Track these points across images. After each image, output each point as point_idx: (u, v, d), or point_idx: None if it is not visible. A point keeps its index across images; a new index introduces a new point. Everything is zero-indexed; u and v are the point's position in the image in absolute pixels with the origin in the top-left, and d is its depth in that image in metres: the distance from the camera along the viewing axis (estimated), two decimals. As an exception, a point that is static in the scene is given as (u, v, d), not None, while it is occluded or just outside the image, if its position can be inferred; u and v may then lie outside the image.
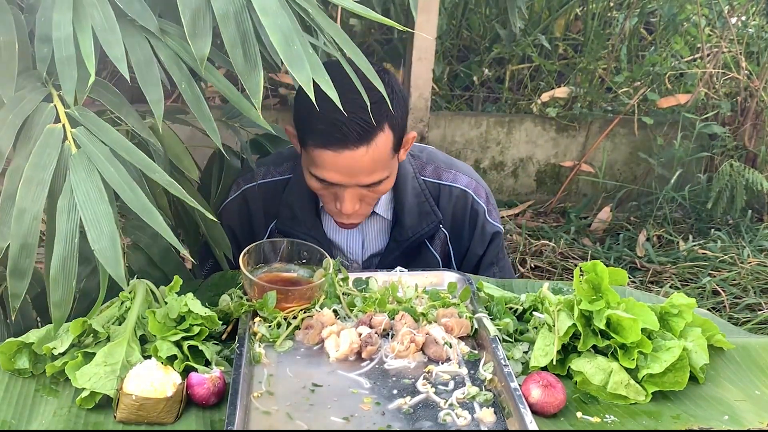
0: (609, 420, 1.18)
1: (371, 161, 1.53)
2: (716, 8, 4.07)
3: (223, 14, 1.23)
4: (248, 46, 1.25)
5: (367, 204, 1.64)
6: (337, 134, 1.48)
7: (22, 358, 1.21)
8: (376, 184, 1.58)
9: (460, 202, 1.78)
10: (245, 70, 1.25)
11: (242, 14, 1.25)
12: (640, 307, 1.28)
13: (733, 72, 3.90)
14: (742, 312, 3.13)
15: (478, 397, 1.19)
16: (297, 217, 1.72)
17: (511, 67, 4.24)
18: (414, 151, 1.80)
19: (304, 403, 1.16)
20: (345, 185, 1.56)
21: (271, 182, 1.76)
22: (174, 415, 1.13)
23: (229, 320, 1.35)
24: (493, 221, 1.81)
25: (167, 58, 1.30)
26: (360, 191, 1.58)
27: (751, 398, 1.26)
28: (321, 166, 1.54)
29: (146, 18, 1.29)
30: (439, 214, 1.76)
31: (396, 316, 1.37)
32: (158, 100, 1.26)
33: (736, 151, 3.91)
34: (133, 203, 1.16)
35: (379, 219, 1.77)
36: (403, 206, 1.74)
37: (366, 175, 1.55)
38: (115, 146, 1.21)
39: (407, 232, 1.74)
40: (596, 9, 4.29)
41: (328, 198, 1.62)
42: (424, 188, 1.75)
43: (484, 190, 1.82)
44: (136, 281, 1.32)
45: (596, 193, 4.08)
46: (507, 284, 1.58)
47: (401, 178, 1.73)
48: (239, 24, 1.24)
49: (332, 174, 1.54)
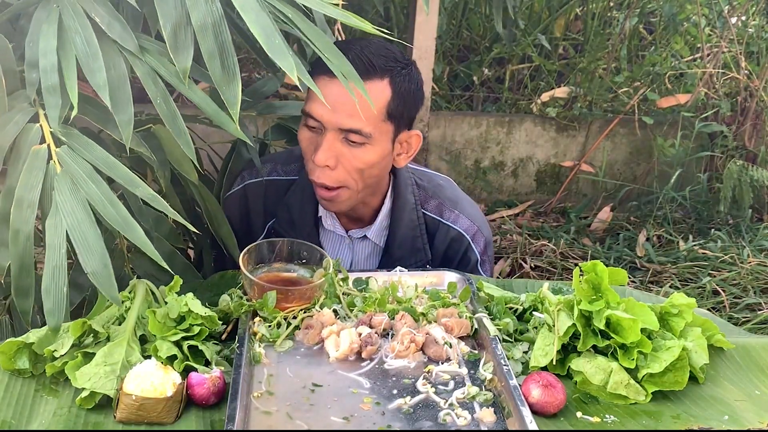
0: (609, 420, 1.18)
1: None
2: (716, 8, 4.07)
3: (201, 25, 1.24)
4: (226, 57, 1.26)
5: (344, 171, 1.56)
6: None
7: (22, 358, 1.21)
8: (356, 137, 1.52)
9: (454, 244, 1.74)
10: (223, 81, 1.25)
11: (220, 25, 1.25)
12: (640, 307, 1.28)
13: (733, 72, 3.90)
14: (742, 312, 3.13)
15: (478, 397, 1.19)
16: (294, 222, 1.70)
17: (511, 67, 4.24)
18: (423, 181, 1.76)
19: (304, 403, 1.16)
20: (326, 126, 1.52)
21: (276, 180, 1.73)
22: (174, 415, 1.13)
23: (229, 320, 1.35)
24: (484, 273, 1.77)
25: (144, 75, 1.30)
26: (338, 146, 1.53)
27: (751, 398, 1.26)
28: (313, 98, 1.53)
29: (126, 39, 1.30)
30: (429, 253, 1.72)
31: (396, 316, 1.37)
32: (128, 120, 1.26)
33: (736, 151, 3.91)
34: (114, 221, 1.19)
35: (371, 244, 1.75)
36: (395, 236, 1.71)
37: (347, 115, 1.50)
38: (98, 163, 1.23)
39: (395, 264, 1.67)
40: (596, 9, 4.29)
41: (310, 153, 1.57)
42: (421, 222, 1.72)
43: (484, 238, 1.77)
44: (136, 281, 1.32)
45: (596, 192, 4.08)
46: (507, 284, 1.58)
47: (400, 207, 1.70)
48: (217, 36, 1.25)
49: (319, 106, 1.51)
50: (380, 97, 1.53)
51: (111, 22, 1.30)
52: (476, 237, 1.75)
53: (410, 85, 1.57)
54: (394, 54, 1.55)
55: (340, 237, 1.74)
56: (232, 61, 1.26)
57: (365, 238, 1.73)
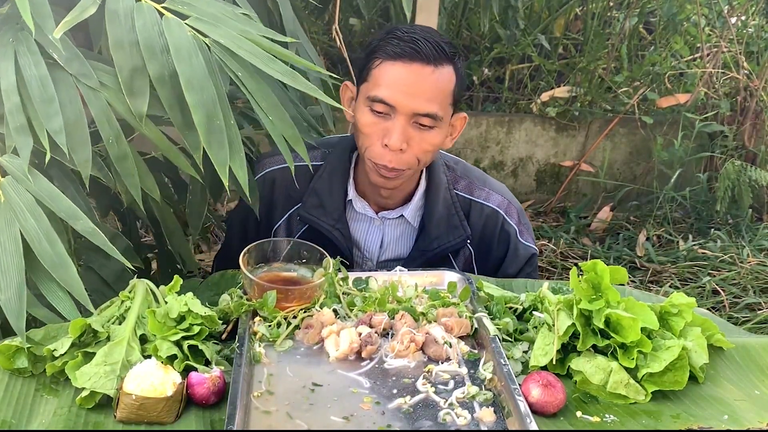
0: (609, 419, 1.18)
1: (434, 85, 1.55)
2: (716, 8, 4.07)
3: (158, 77, 1.24)
4: (185, 106, 1.25)
5: (411, 154, 1.60)
6: (411, 46, 1.54)
7: (21, 358, 1.21)
8: (428, 120, 1.56)
9: (490, 222, 1.77)
10: (184, 128, 1.26)
11: (176, 77, 1.25)
12: (639, 306, 1.28)
13: (732, 72, 3.90)
14: (742, 312, 3.13)
15: (477, 397, 1.19)
16: (324, 206, 1.71)
17: (511, 66, 4.24)
18: (450, 163, 1.81)
19: (304, 403, 1.16)
20: (399, 110, 1.55)
21: (300, 167, 1.73)
22: (174, 415, 1.13)
23: (229, 320, 1.35)
24: (525, 242, 1.80)
25: (98, 113, 1.30)
26: (409, 130, 1.57)
27: (751, 398, 1.26)
28: (385, 84, 1.56)
29: (86, 74, 1.29)
30: (468, 229, 1.75)
31: (396, 315, 1.37)
32: (86, 161, 1.27)
33: (736, 151, 3.91)
34: (45, 257, 1.20)
35: (404, 223, 1.76)
36: (432, 215, 1.73)
37: (425, 99, 1.55)
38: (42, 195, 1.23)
39: (433, 243, 1.73)
40: (596, 9, 4.29)
41: (375, 137, 1.59)
42: (455, 201, 1.75)
43: (516, 210, 1.81)
44: (137, 281, 1.32)
45: (596, 192, 4.08)
46: (507, 284, 1.58)
47: (434, 186, 1.73)
48: (174, 87, 1.25)
49: (394, 91, 1.55)
50: (449, 82, 1.59)
51: (70, 57, 1.29)
52: (509, 210, 1.79)
53: (463, 70, 1.64)
54: (450, 41, 1.62)
55: (369, 219, 1.76)
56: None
57: (401, 218, 1.75)
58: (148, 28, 1.25)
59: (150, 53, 1.24)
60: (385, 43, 1.58)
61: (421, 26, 1.65)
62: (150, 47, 1.25)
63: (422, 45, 1.54)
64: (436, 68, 1.55)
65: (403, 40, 1.55)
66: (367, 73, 1.60)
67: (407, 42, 1.55)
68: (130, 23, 1.25)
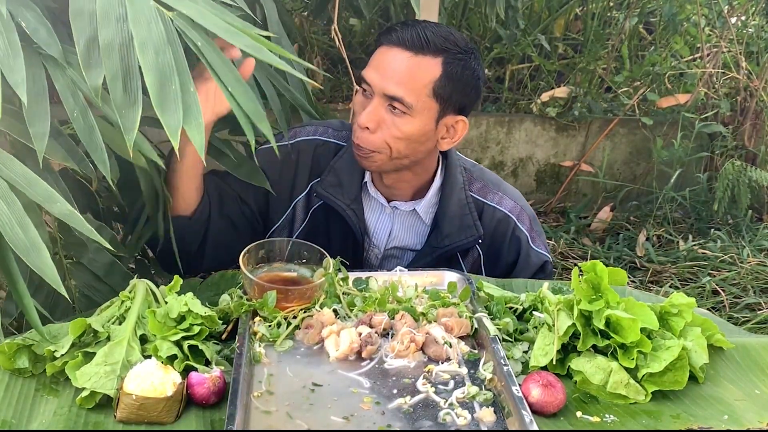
0: (609, 419, 1.18)
1: (407, 71, 1.57)
2: (716, 8, 4.07)
3: (107, 45, 1.21)
4: (129, 80, 1.21)
5: (381, 137, 1.61)
6: (398, 32, 1.59)
7: (22, 358, 1.21)
8: (399, 105, 1.58)
9: (501, 226, 1.78)
10: (123, 104, 1.21)
11: (129, 47, 1.22)
12: (639, 306, 1.28)
13: (732, 72, 3.90)
14: (742, 312, 3.13)
15: (477, 397, 1.19)
16: (343, 185, 1.73)
17: (511, 67, 4.24)
18: (467, 165, 1.83)
19: (304, 403, 1.16)
20: (375, 90, 1.59)
21: (327, 142, 1.79)
22: (174, 415, 1.13)
23: (229, 320, 1.35)
24: (537, 249, 1.80)
25: (63, 88, 1.27)
26: (381, 112, 1.59)
27: (751, 398, 1.26)
28: (370, 64, 1.62)
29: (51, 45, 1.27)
30: (481, 229, 1.75)
31: (396, 315, 1.37)
32: (42, 134, 1.22)
33: (736, 151, 3.91)
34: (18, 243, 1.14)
35: (415, 217, 1.78)
36: (446, 213, 1.74)
37: (395, 82, 1.57)
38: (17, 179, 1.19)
39: (444, 240, 1.74)
40: (596, 9, 4.29)
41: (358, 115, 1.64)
42: (470, 201, 1.76)
43: (528, 216, 1.81)
44: (137, 281, 1.32)
45: (596, 192, 4.08)
46: (507, 284, 1.58)
47: (450, 186, 1.75)
48: (123, 57, 1.22)
49: (372, 71, 1.60)
50: (428, 74, 1.59)
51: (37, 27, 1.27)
52: (521, 216, 1.80)
53: (464, 71, 1.62)
54: (456, 39, 1.62)
55: (381, 206, 1.78)
56: (136, 84, 1.22)
57: (414, 212, 1.77)
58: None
59: (105, 20, 1.21)
60: (386, 30, 1.64)
61: (437, 23, 1.68)
62: (106, 14, 1.21)
63: (408, 32, 1.58)
64: (414, 55, 1.57)
65: (398, 27, 1.61)
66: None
67: (398, 29, 1.60)
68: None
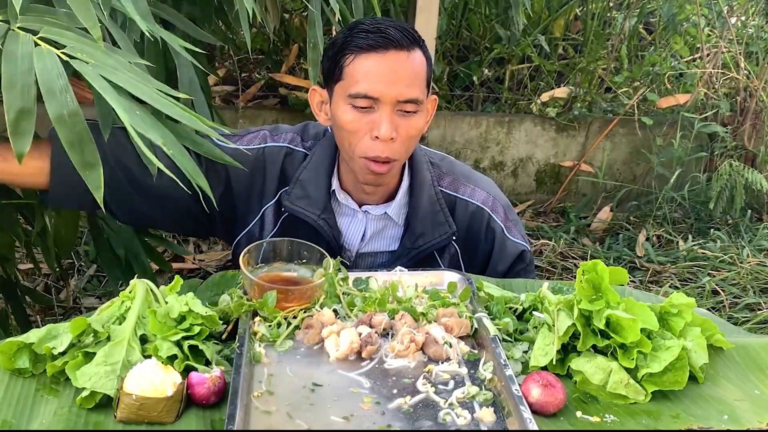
0: (609, 419, 1.18)
1: (411, 70, 1.56)
2: (716, 8, 4.08)
3: (57, 116, 1.24)
4: (85, 144, 1.26)
5: (401, 143, 1.59)
6: (382, 36, 1.55)
7: (22, 358, 1.21)
8: (411, 106, 1.56)
9: (475, 219, 1.75)
10: (83, 168, 1.26)
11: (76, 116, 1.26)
12: (639, 306, 1.28)
13: (732, 72, 3.91)
14: (742, 312, 3.13)
15: (477, 397, 1.19)
16: (310, 197, 1.70)
17: (511, 67, 4.24)
18: (435, 159, 1.79)
19: (304, 403, 1.16)
20: (383, 101, 1.55)
21: (295, 151, 1.75)
22: (174, 415, 1.13)
23: (229, 320, 1.35)
24: (513, 238, 1.77)
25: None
26: (395, 119, 1.57)
27: (751, 398, 1.26)
28: (363, 77, 1.55)
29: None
30: (454, 225, 1.73)
31: (396, 315, 1.37)
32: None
33: (736, 151, 3.92)
34: None
35: (388, 220, 1.74)
36: (416, 213, 1.71)
37: (405, 85, 1.55)
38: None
39: (418, 241, 1.71)
40: (596, 9, 4.29)
41: (363, 132, 1.58)
42: (440, 197, 1.73)
43: (502, 206, 1.79)
44: (137, 281, 1.32)
45: (596, 192, 4.08)
46: (507, 284, 1.58)
47: (418, 183, 1.72)
48: (74, 126, 1.25)
49: (374, 83, 1.54)
50: (422, 65, 1.60)
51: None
52: (494, 206, 1.77)
53: (428, 54, 1.64)
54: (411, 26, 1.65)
55: (353, 211, 1.75)
56: (92, 148, 1.26)
57: (385, 215, 1.73)
58: (48, 69, 1.27)
59: (49, 93, 1.25)
60: (353, 38, 1.57)
61: (382, 17, 1.67)
62: (50, 88, 1.26)
63: (392, 32, 1.55)
64: (409, 53, 1.56)
65: (372, 32, 1.55)
66: (340, 72, 1.58)
67: (376, 33, 1.55)
68: (27, 65, 1.26)
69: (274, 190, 1.73)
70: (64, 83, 1.26)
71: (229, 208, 1.73)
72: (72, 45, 1.31)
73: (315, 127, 1.80)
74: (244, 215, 1.75)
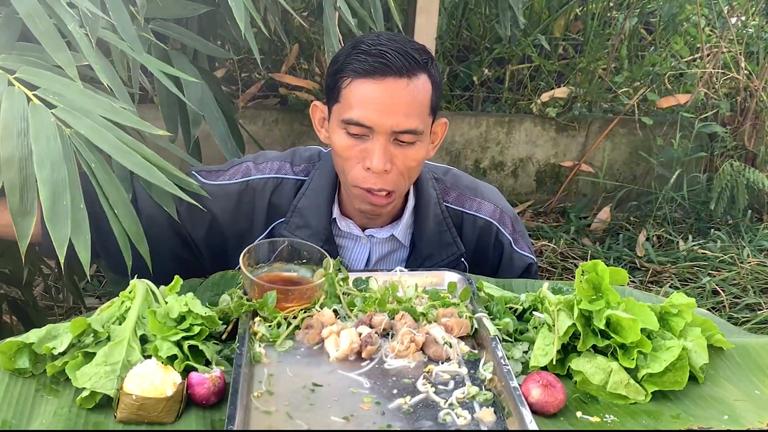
0: (609, 420, 1.18)
1: (410, 99, 1.47)
2: (716, 8, 4.08)
3: (7, 158, 1.25)
4: (26, 190, 1.26)
5: (397, 174, 1.52)
6: (380, 61, 1.45)
7: (22, 358, 1.21)
8: (408, 137, 1.49)
9: (484, 234, 1.71)
10: (19, 212, 1.26)
11: (28, 160, 1.26)
12: (639, 307, 1.28)
13: (732, 72, 3.91)
14: (742, 312, 3.13)
15: (478, 397, 1.19)
16: (311, 226, 1.63)
17: (511, 67, 4.24)
18: (438, 174, 1.74)
19: (304, 403, 1.16)
20: (377, 130, 1.47)
21: (286, 179, 1.67)
22: (174, 415, 1.13)
23: (229, 320, 1.35)
24: (521, 251, 1.74)
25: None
26: (390, 149, 1.50)
27: (751, 398, 1.26)
28: (358, 104, 1.47)
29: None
30: (461, 246, 1.68)
31: (396, 315, 1.37)
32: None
33: (736, 151, 3.92)
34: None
35: (394, 242, 1.70)
36: (422, 234, 1.66)
37: (403, 115, 1.46)
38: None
39: (425, 262, 1.66)
40: (596, 9, 4.29)
41: (355, 160, 1.51)
42: (446, 216, 1.68)
43: (509, 217, 1.75)
44: (136, 281, 1.32)
45: (596, 193, 4.08)
46: (507, 284, 1.58)
47: (423, 203, 1.67)
48: (21, 169, 1.26)
49: (369, 111, 1.46)
50: (425, 93, 1.50)
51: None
52: (502, 218, 1.74)
53: (438, 74, 1.55)
54: (421, 46, 1.54)
55: (356, 237, 1.69)
56: (32, 195, 1.26)
57: (392, 237, 1.68)
58: (12, 110, 1.27)
59: (6, 133, 1.25)
60: (352, 60, 1.48)
61: (388, 34, 1.55)
62: (8, 128, 1.26)
63: (392, 57, 1.45)
64: (410, 80, 1.47)
65: (371, 55, 1.46)
66: (338, 93, 1.51)
67: (375, 56, 1.46)
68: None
69: (263, 224, 1.67)
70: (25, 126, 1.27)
71: (218, 245, 1.67)
72: (46, 86, 1.32)
73: (305, 150, 1.74)
74: (235, 251, 1.62)
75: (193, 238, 1.66)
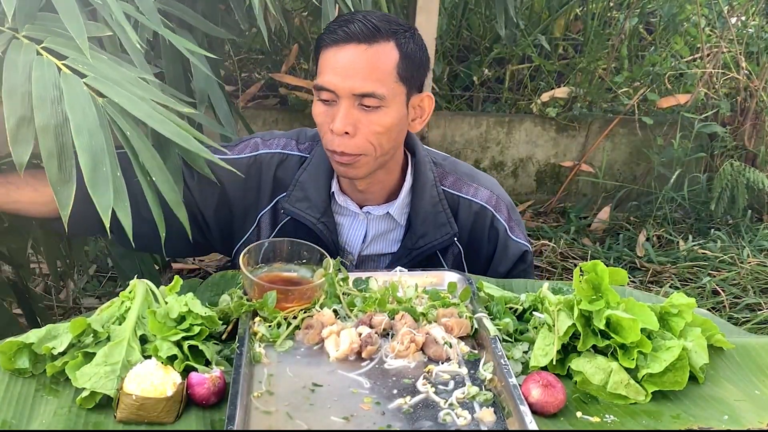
0: (609, 420, 1.18)
1: (368, 64, 1.53)
2: (716, 8, 4.08)
3: (43, 126, 1.24)
4: (64, 158, 1.25)
5: (363, 138, 1.57)
6: (343, 29, 1.54)
7: (22, 358, 1.21)
8: (371, 101, 1.54)
9: (479, 219, 1.74)
10: (58, 181, 1.25)
11: (64, 127, 1.25)
12: (639, 307, 1.28)
13: (732, 72, 3.91)
14: (742, 312, 3.13)
15: (478, 397, 1.19)
16: (310, 199, 1.70)
17: (511, 67, 4.24)
18: (437, 159, 1.78)
19: (304, 403, 1.16)
20: (339, 94, 1.54)
21: (290, 155, 1.74)
22: (174, 415, 1.13)
23: (229, 320, 1.35)
24: (516, 238, 1.77)
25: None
26: (354, 113, 1.55)
27: (751, 398, 1.26)
28: (324, 70, 1.56)
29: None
30: (455, 226, 1.72)
31: (396, 316, 1.37)
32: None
33: (736, 151, 3.92)
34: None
35: (390, 220, 1.74)
36: (418, 213, 1.71)
37: (361, 78, 1.53)
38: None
39: (419, 241, 1.70)
40: (596, 9, 4.29)
41: (327, 125, 1.58)
42: (442, 198, 1.72)
43: (505, 205, 1.78)
44: (136, 281, 1.32)
45: (596, 193, 4.08)
46: (507, 284, 1.58)
47: (420, 183, 1.71)
48: (58, 137, 1.25)
49: (331, 75, 1.54)
50: (389, 59, 1.55)
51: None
52: (498, 206, 1.76)
53: (415, 47, 1.60)
54: (397, 19, 1.61)
55: (353, 213, 1.74)
56: (70, 164, 1.26)
57: (388, 215, 1.73)
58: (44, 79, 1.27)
59: (40, 102, 1.25)
60: (324, 32, 1.59)
61: (367, 11, 1.64)
62: (42, 97, 1.25)
63: (353, 26, 1.53)
64: (370, 46, 1.53)
65: (338, 25, 1.56)
66: (316, 67, 1.61)
67: (340, 25, 1.55)
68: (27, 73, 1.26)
69: (268, 197, 1.73)
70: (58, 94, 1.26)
71: (226, 219, 1.73)
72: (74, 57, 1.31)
73: (311, 130, 1.80)
74: (241, 225, 1.75)
75: (204, 215, 1.72)
